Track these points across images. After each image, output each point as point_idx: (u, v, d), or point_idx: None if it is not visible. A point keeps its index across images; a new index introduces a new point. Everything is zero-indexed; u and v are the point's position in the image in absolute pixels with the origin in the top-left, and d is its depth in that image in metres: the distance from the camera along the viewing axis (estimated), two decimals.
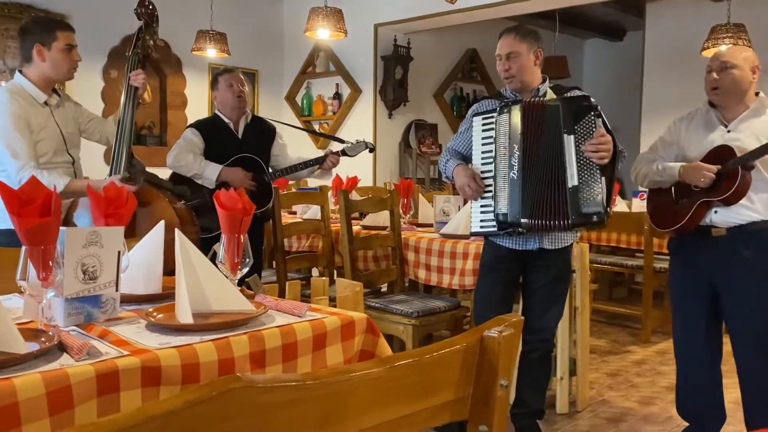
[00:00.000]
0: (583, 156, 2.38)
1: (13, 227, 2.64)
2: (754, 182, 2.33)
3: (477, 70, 7.15)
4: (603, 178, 2.39)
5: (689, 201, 2.43)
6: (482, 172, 2.53)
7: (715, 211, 2.40)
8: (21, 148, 2.54)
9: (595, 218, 2.38)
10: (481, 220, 2.54)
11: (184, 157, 3.36)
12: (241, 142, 3.50)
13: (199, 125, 3.56)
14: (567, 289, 2.73)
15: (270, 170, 3.55)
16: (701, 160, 2.41)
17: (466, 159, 2.63)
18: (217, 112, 3.58)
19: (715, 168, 2.35)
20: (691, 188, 2.42)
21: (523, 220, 2.42)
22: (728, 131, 2.44)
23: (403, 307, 3.11)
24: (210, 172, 3.35)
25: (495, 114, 2.49)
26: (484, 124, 2.54)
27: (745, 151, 2.33)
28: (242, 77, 3.57)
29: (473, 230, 2.60)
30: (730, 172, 2.32)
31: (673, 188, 2.52)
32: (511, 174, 2.44)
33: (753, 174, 2.33)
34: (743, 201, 2.35)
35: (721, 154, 2.38)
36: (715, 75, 2.43)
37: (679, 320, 2.59)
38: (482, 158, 2.54)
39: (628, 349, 4.24)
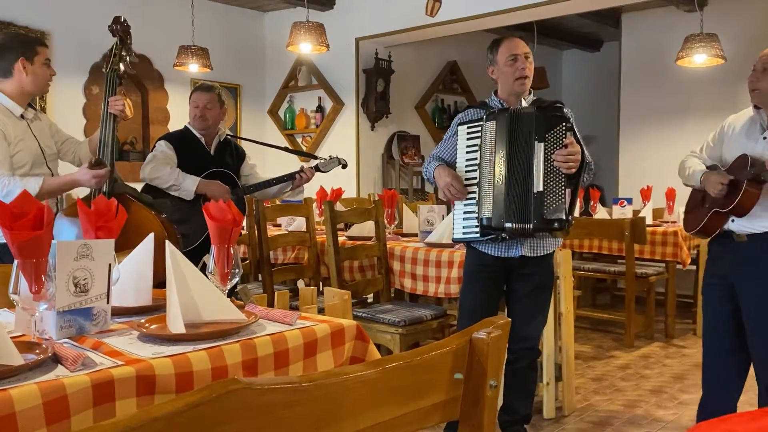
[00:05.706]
0: (551, 164, 2.40)
1: None
2: None
3: (458, 81, 7.22)
4: (568, 190, 2.43)
5: (706, 208, 2.39)
6: (466, 179, 2.54)
7: (732, 220, 2.32)
8: None
9: (556, 225, 2.40)
10: (464, 227, 2.55)
11: (161, 169, 3.36)
12: (212, 158, 3.52)
13: (170, 137, 3.57)
14: (550, 297, 2.75)
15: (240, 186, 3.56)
16: (728, 169, 2.32)
17: (451, 166, 2.62)
18: (187, 125, 3.58)
19: (727, 179, 2.26)
20: (711, 195, 2.35)
21: (507, 225, 2.43)
22: (764, 137, 2.30)
23: (390, 316, 3.13)
24: (188, 184, 3.35)
25: (481, 122, 2.52)
26: (468, 133, 2.57)
27: None
28: (211, 96, 3.49)
29: (455, 237, 2.61)
30: (737, 184, 2.23)
31: (703, 192, 2.42)
32: (496, 180, 2.46)
33: None
34: (760, 212, 2.24)
35: (740, 163, 2.29)
36: (756, 74, 2.27)
37: (706, 321, 2.48)
38: (466, 165, 2.56)
39: (612, 354, 4.29)
